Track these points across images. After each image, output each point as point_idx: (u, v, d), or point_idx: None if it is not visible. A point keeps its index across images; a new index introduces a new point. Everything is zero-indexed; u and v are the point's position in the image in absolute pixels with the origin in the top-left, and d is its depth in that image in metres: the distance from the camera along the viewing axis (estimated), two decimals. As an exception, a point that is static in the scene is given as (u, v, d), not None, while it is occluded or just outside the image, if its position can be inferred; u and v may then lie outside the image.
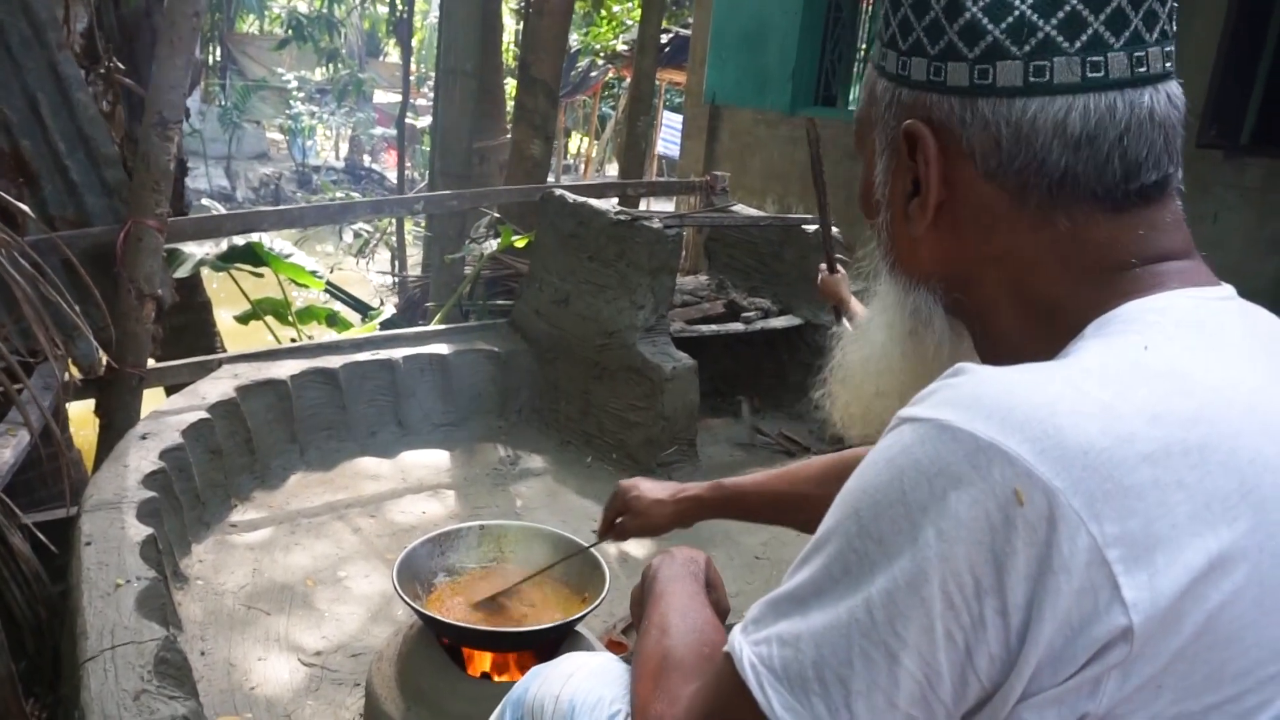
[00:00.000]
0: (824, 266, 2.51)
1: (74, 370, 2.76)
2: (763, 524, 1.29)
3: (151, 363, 2.95)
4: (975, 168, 0.66)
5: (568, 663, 1.00)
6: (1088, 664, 0.53)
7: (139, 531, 1.93)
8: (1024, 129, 0.64)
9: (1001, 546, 0.52)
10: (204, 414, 2.57)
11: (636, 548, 2.69)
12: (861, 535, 0.57)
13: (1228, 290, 0.67)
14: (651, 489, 1.30)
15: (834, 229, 3.50)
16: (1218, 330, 0.62)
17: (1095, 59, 0.63)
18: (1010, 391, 0.56)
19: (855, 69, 7.04)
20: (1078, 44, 0.63)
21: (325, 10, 11.00)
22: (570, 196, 3.46)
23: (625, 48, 11.70)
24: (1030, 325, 0.68)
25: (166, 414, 2.54)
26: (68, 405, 3.16)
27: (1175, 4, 0.66)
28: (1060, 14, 0.62)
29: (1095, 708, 0.54)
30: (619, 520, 1.33)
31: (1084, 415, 0.54)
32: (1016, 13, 0.63)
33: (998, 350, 0.69)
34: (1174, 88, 0.66)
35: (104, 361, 2.75)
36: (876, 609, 0.55)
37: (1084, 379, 0.57)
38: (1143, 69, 0.64)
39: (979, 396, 0.56)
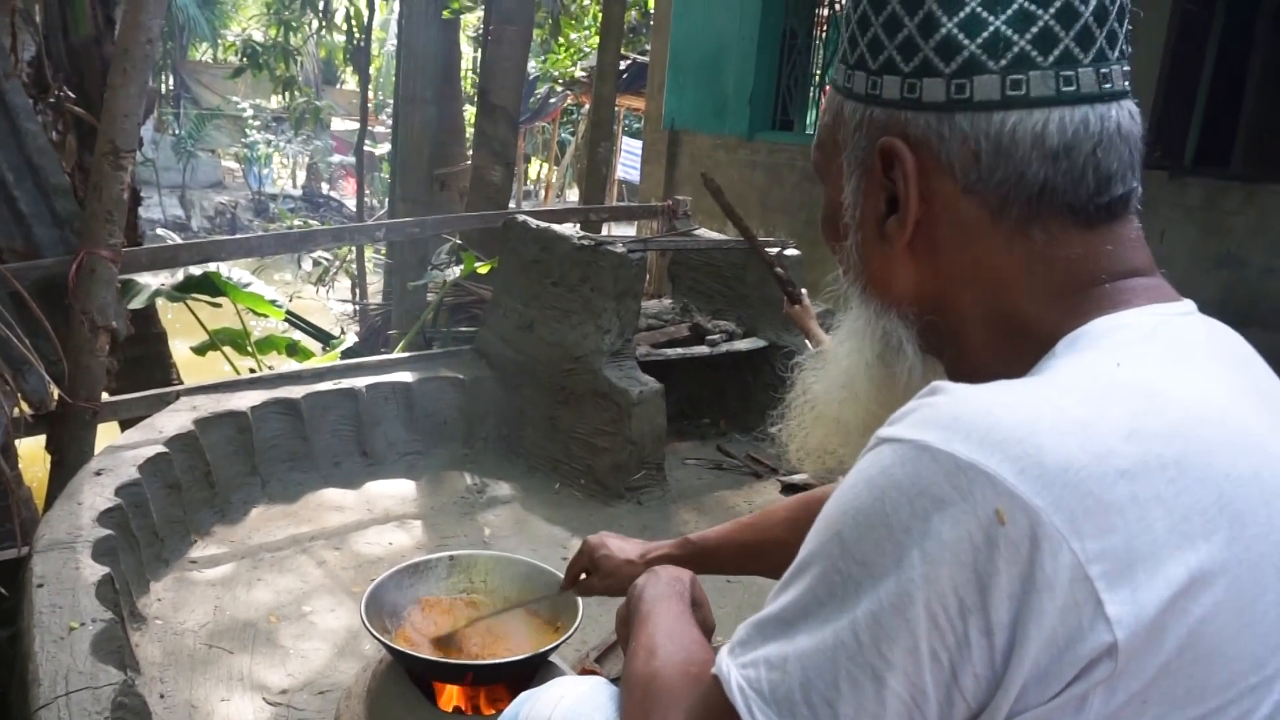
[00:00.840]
0: (785, 300, 2.54)
1: (24, 406, 2.68)
2: (734, 575, 1.30)
3: (106, 396, 2.88)
4: (954, 182, 0.66)
5: (558, 686, 0.98)
6: (1073, 681, 0.53)
7: (94, 571, 1.87)
8: (1004, 141, 0.64)
9: (984, 566, 0.53)
10: (161, 448, 2.50)
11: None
12: (845, 557, 0.57)
13: (1189, 306, 0.68)
14: (620, 548, 1.29)
15: (788, 251, 3.54)
16: (1185, 346, 0.63)
17: (1067, 73, 0.64)
18: (989, 411, 0.56)
19: (811, 93, 7.15)
20: (1050, 58, 0.64)
21: (280, 39, 10.94)
22: (533, 222, 3.46)
23: (583, 74, 11.77)
24: (1002, 343, 0.68)
25: (122, 449, 2.47)
26: (17, 442, 3.07)
27: (1129, 27, 0.68)
28: (1033, 29, 0.64)
29: None
30: (584, 577, 1.32)
31: (1062, 433, 0.54)
32: (991, 28, 0.64)
33: (969, 370, 0.69)
34: (1133, 105, 0.68)
35: (55, 396, 2.67)
36: (862, 632, 0.55)
37: (1060, 397, 0.57)
38: (1108, 85, 0.66)
39: (957, 416, 0.56)
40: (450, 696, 1.66)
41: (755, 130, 6.95)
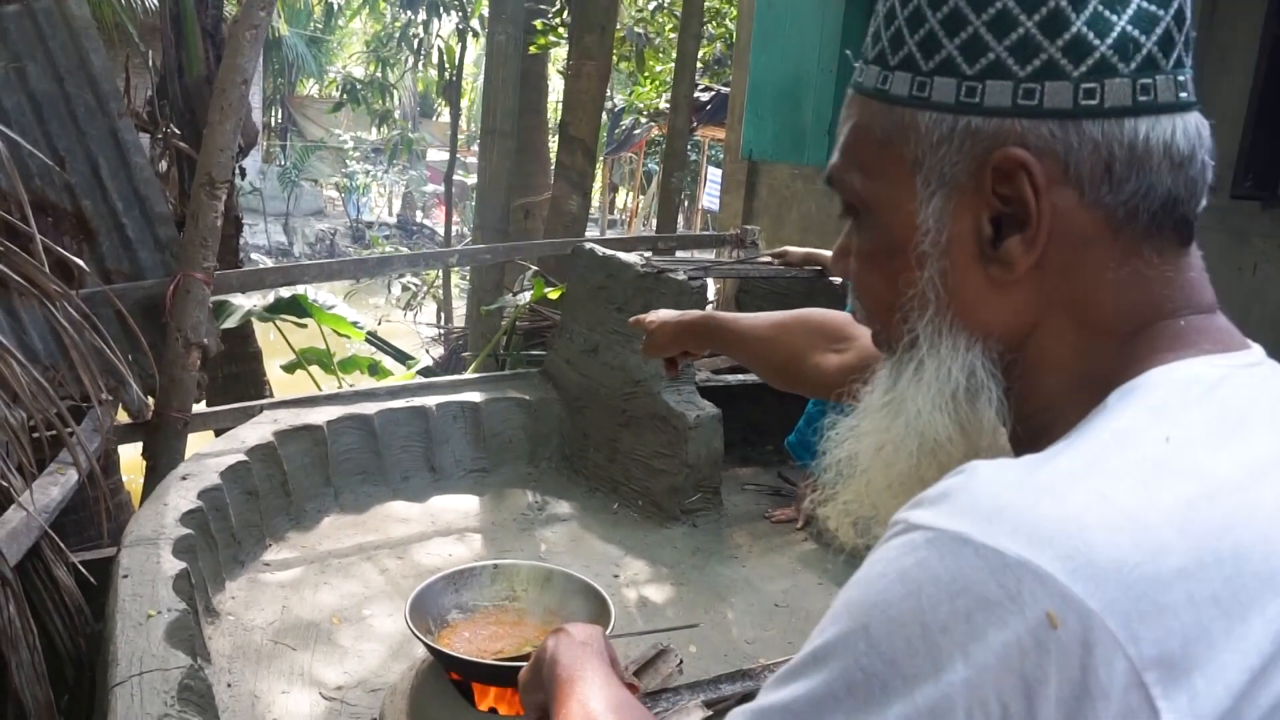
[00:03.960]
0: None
1: (123, 415, 2.91)
2: (734, 359, 1.39)
3: (198, 408, 3.09)
4: (1079, 196, 0.60)
5: None
6: None
7: (173, 566, 2.03)
8: (1139, 149, 0.59)
9: (1033, 672, 0.48)
10: (242, 457, 2.68)
11: (655, 592, 2.72)
12: (871, 654, 0.52)
13: (1257, 354, 0.63)
14: (666, 314, 1.36)
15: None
16: (1245, 408, 0.58)
17: (1181, 79, 0.61)
18: (1033, 501, 0.52)
19: (890, 124, 7.11)
20: (1170, 63, 0.60)
21: (378, 74, 11.47)
22: (599, 250, 3.57)
23: (668, 106, 11.96)
24: (1065, 387, 0.63)
25: (207, 456, 2.66)
26: (119, 449, 3.31)
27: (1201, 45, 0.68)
28: (1158, 31, 0.60)
29: None
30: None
31: (1113, 528, 0.50)
32: (1118, 28, 0.59)
33: (1024, 415, 0.65)
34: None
35: (150, 406, 2.89)
36: None
37: (1106, 484, 0.53)
38: (1188, 94, 0.63)
39: (999, 507, 0.51)
40: (487, 697, 1.74)
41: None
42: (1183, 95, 0.60)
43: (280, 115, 21.39)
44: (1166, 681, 0.48)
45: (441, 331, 8.30)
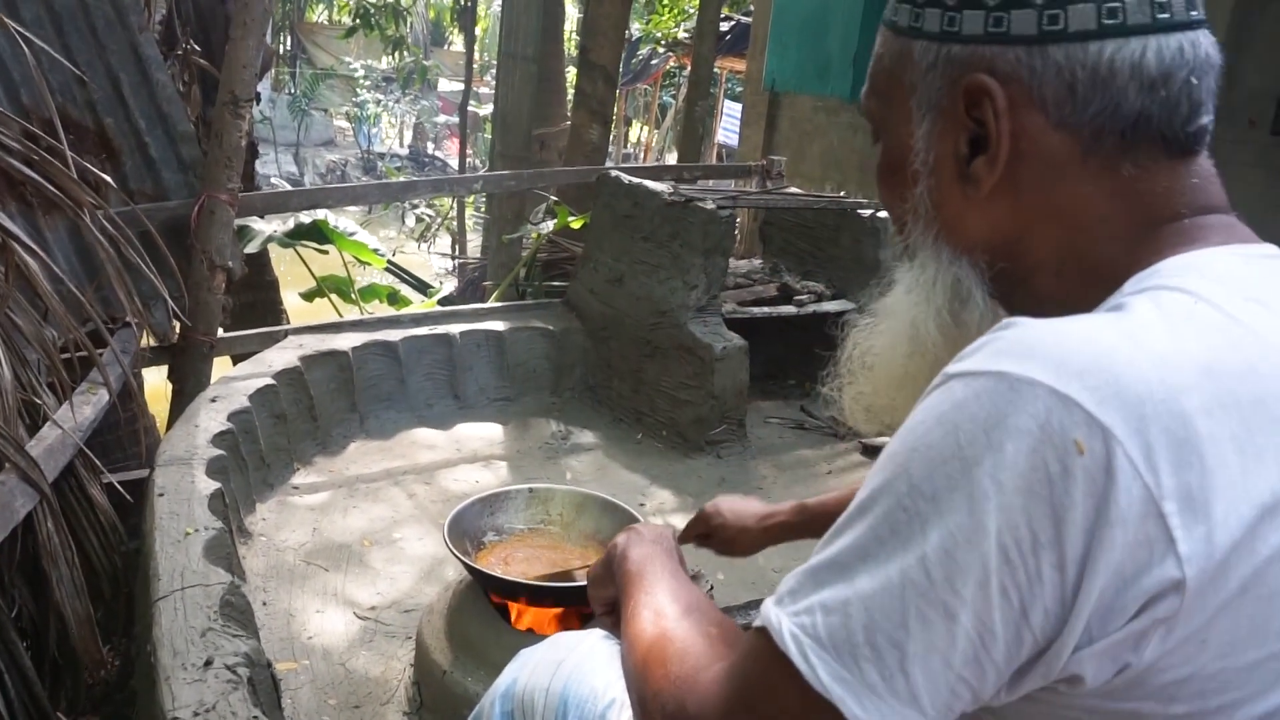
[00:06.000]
0: None
1: (149, 338, 2.89)
2: None
3: (221, 333, 3.08)
4: (1045, 117, 0.64)
5: (556, 648, 0.94)
6: (1136, 616, 0.53)
7: (208, 486, 2.04)
8: (1102, 72, 0.63)
9: (1060, 499, 0.51)
10: (270, 380, 2.68)
11: (681, 521, 2.73)
12: (913, 494, 0.55)
13: (1273, 249, 0.65)
14: (737, 515, 1.27)
15: (880, 214, 3.50)
16: (1263, 285, 0.61)
17: (1160, 0, 0.63)
18: (1066, 341, 0.55)
19: (918, 55, 6.92)
20: None
21: (391, -1, 11.25)
22: (626, 178, 3.51)
23: (686, 35, 11.68)
24: (1071, 287, 0.67)
25: (235, 379, 2.65)
26: (143, 373, 3.31)
27: None
28: None
29: (1137, 660, 0.54)
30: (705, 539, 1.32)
31: (1141, 365, 0.53)
32: None
33: (1035, 314, 0.68)
34: (1211, 36, 0.66)
35: (176, 329, 2.88)
36: (934, 567, 0.53)
37: (1137, 330, 0.56)
38: (1194, 12, 0.65)
39: (1033, 346, 0.55)
40: (524, 617, 1.75)
41: (858, 92, 6.77)
42: (1161, 16, 0.63)
43: (289, 42, 21.02)
44: (1184, 512, 0.51)
45: (456, 263, 8.25)
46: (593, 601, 0.97)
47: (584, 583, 1.67)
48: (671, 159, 16.06)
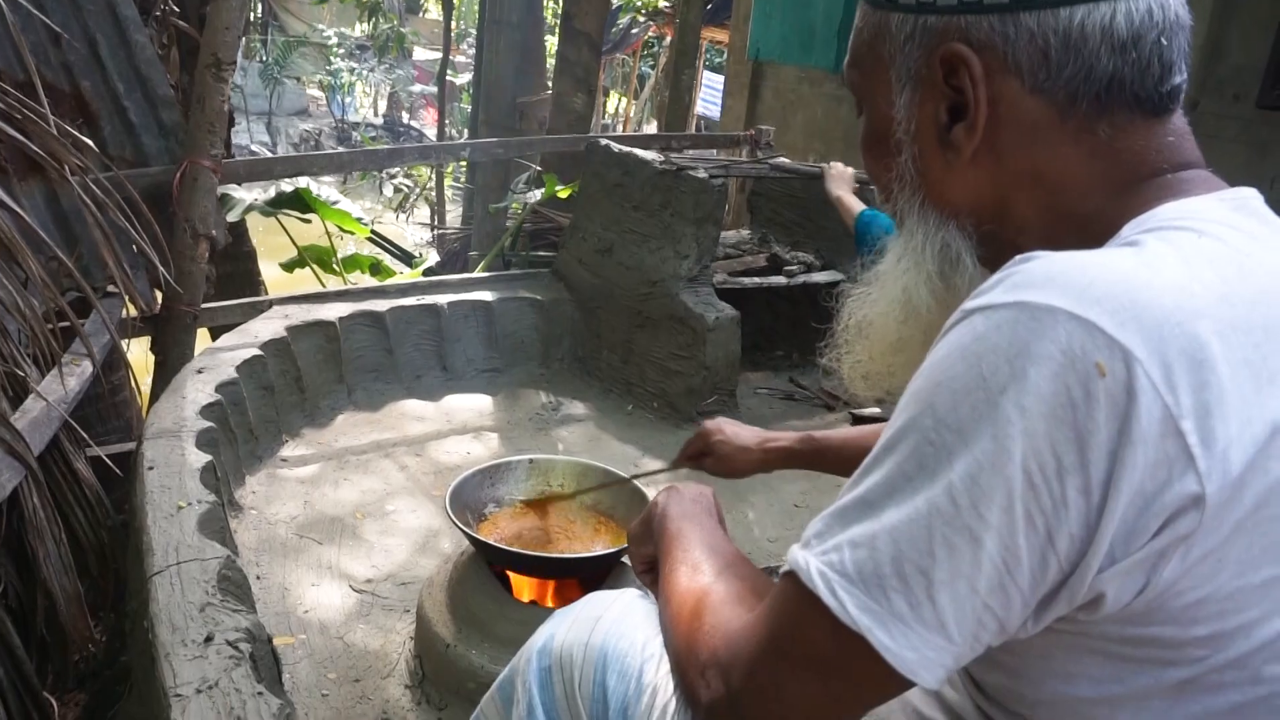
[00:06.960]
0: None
1: (131, 308, 2.83)
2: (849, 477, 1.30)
3: (204, 304, 3.01)
4: (1021, 83, 0.66)
5: (593, 605, 0.95)
6: (1157, 534, 0.53)
7: (198, 458, 1.99)
8: (1073, 36, 0.64)
9: (1084, 422, 0.52)
10: (257, 351, 2.62)
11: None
12: (939, 427, 0.56)
13: (1253, 192, 0.67)
14: (737, 434, 1.29)
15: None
16: (1256, 224, 0.64)
17: None
18: (1084, 270, 0.56)
19: (903, 25, 6.88)
20: None
21: (367, -36, 11.00)
22: (616, 146, 3.46)
23: (667, 5, 11.55)
24: (1061, 243, 0.66)
25: (221, 350, 2.60)
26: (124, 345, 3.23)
27: None
28: None
29: (1156, 579, 0.55)
30: (701, 458, 1.33)
31: (1158, 291, 0.55)
32: None
33: None
34: None
35: (159, 299, 2.81)
36: (959, 494, 0.54)
37: (1153, 260, 0.58)
38: None
39: (1052, 276, 0.56)
40: (527, 589, 1.74)
41: (843, 63, 6.75)
42: None
43: (261, 9, 20.57)
44: (1203, 430, 0.52)
45: (436, 234, 8.15)
46: (631, 559, 0.99)
47: (592, 554, 1.66)
48: (650, 130, 15.95)
